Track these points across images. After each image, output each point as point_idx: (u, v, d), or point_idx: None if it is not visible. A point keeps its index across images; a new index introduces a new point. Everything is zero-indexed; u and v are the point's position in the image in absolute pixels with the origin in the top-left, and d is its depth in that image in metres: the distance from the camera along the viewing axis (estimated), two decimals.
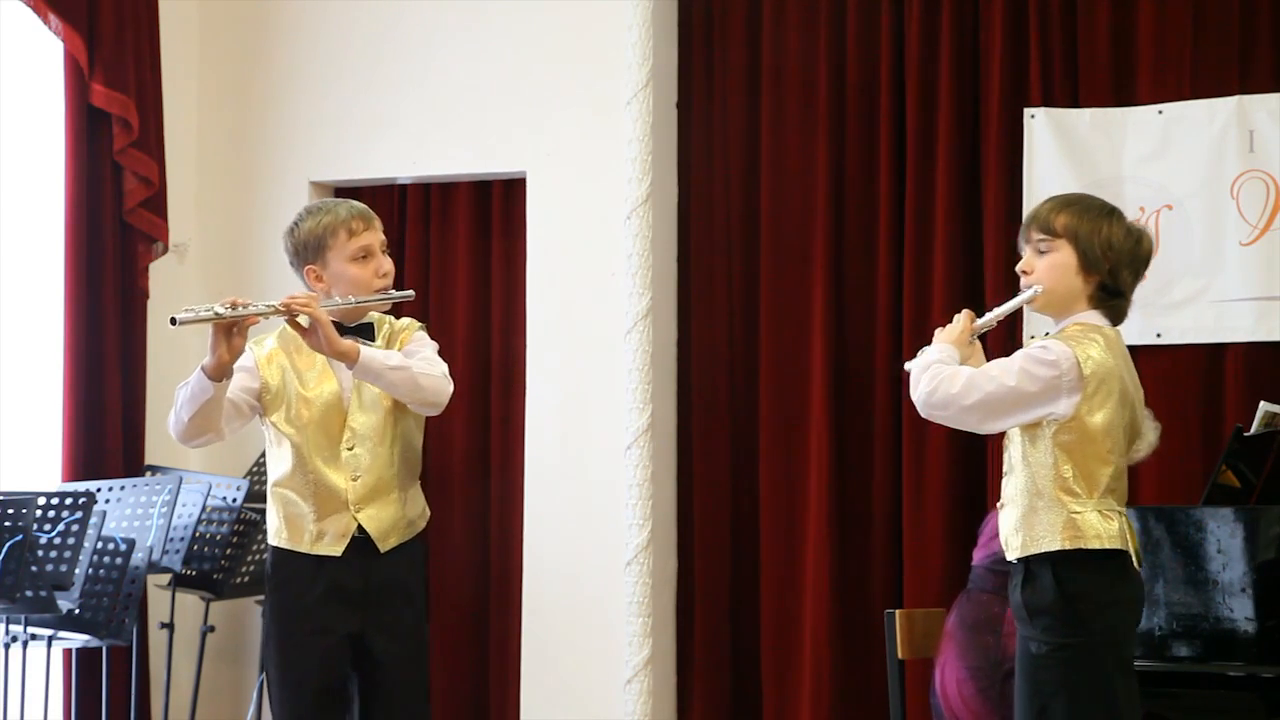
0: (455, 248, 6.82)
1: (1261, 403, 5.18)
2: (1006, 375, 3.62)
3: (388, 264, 4.11)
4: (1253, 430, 5.09)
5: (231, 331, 3.86)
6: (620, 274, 6.40)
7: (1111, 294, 3.71)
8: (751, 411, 6.48)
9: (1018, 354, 3.68)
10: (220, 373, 3.89)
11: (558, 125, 6.54)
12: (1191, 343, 5.90)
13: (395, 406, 4.08)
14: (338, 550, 4.04)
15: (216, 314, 3.82)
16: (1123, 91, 6.03)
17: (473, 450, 6.70)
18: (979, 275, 6.16)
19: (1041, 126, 6.05)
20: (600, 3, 6.47)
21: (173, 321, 3.81)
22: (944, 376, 3.66)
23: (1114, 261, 3.68)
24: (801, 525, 6.32)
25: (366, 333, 4.07)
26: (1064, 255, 3.69)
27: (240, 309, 3.84)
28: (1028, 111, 6.08)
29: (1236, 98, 5.84)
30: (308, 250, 4.08)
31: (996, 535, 4.77)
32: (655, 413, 6.39)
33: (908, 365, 3.86)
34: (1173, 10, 5.95)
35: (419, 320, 4.25)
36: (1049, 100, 6.08)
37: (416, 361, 4.00)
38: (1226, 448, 5.02)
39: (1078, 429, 3.61)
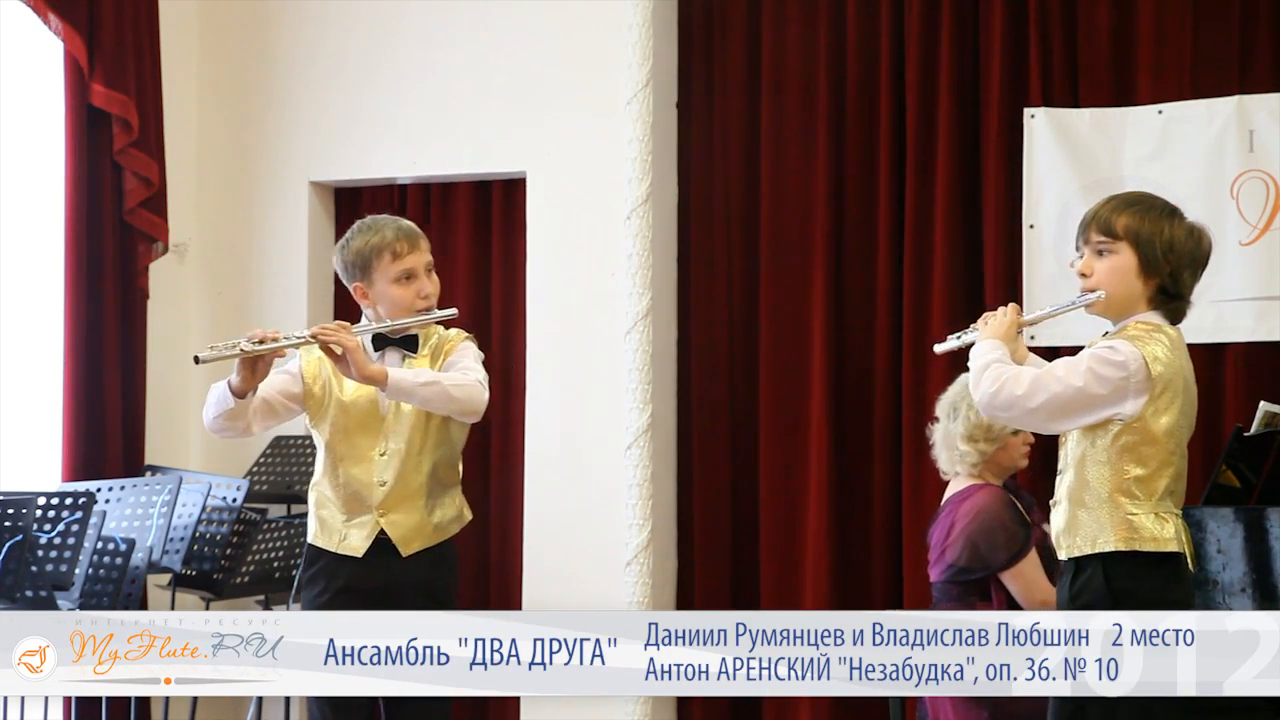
0: (455, 248, 6.82)
1: (1261, 403, 5.19)
2: (1073, 376, 3.54)
3: (430, 286, 4.23)
4: (1253, 430, 5.10)
5: (256, 363, 4.02)
6: (620, 274, 6.40)
7: (1171, 296, 3.63)
8: (751, 411, 6.48)
9: (1084, 354, 3.60)
10: (243, 392, 4.05)
11: (558, 125, 6.54)
12: (1191, 343, 5.84)
13: (431, 415, 4.18)
14: (359, 551, 4.15)
15: (242, 351, 3.98)
16: (1123, 91, 6.03)
17: (473, 450, 6.69)
18: (979, 275, 6.16)
19: (1041, 126, 6.05)
20: (600, 3, 6.47)
21: (196, 360, 3.97)
22: (1008, 377, 3.57)
23: (1175, 264, 3.60)
24: (801, 525, 6.32)
25: (411, 345, 4.21)
26: (1125, 258, 3.61)
27: (269, 343, 3.99)
28: (1028, 111, 6.08)
29: (1236, 98, 5.85)
30: (355, 269, 4.21)
31: (945, 548, 4.79)
32: (655, 413, 6.39)
33: (938, 348, 3.84)
34: (1173, 10, 5.95)
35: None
36: (1049, 100, 6.09)
37: (450, 374, 4.11)
38: (1226, 448, 5.03)
39: (1141, 430, 3.55)
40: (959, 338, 3.80)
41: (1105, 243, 3.63)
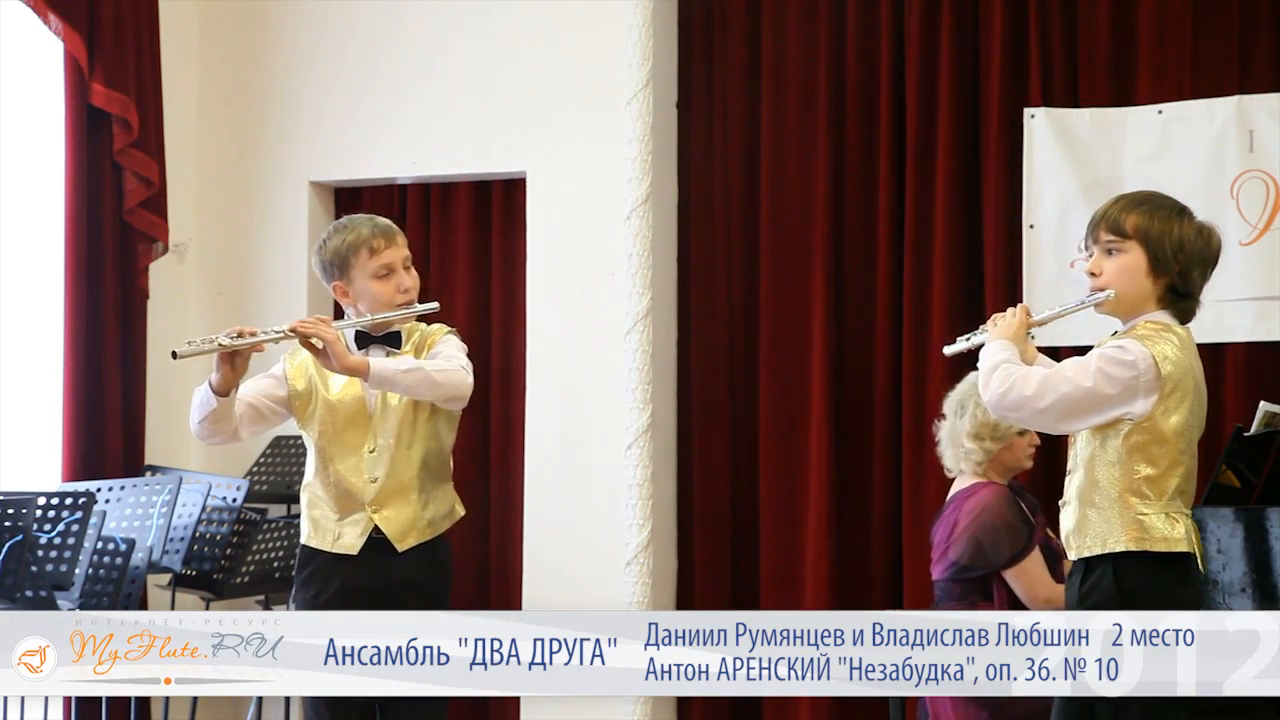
0: (455, 248, 6.83)
1: (1261, 403, 5.19)
2: (1082, 376, 3.52)
3: (409, 280, 4.22)
4: (1253, 430, 5.10)
5: (234, 358, 4.00)
6: (620, 274, 6.40)
7: (1181, 295, 3.61)
8: (751, 411, 6.48)
9: (1093, 354, 3.58)
10: (224, 390, 4.04)
11: (558, 125, 6.54)
12: None
13: (418, 410, 4.17)
14: (354, 549, 4.15)
15: (220, 345, 3.97)
16: (1123, 91, 6.03)
17: (473, 450, 6.70)
18: (979, 275, 6.16)
19: (1041, 126, 6.05)
20: (600, 3, 6.47)
21: (174, 355, 3.95)
22: (1016, 377, 3.56)
23: (1184, 263, 3.59)
24: (801, 525, 6.32)
25: (394, 341, 4.20)
26: (1134, 257, 3.59)
27: (247, 338, 3.98)
28: (1028, 111, 6.09)
29: (1236, 98, 5.85)
30: (334, 268, 4.21)
31: (948, 545, 4.78)
32: (655, 413, 6.39)
33: (947, 350, 3.82)
34: (1173, 10, 5.95)
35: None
36: (1049, 100, 6.09)
37: (433, 361, 4.11)
38: (1226, 448, 5.03)
39: (1151, 430, 3.53)
40: (968, 339, 3.78)
41: (1114, 242, 3.62)
